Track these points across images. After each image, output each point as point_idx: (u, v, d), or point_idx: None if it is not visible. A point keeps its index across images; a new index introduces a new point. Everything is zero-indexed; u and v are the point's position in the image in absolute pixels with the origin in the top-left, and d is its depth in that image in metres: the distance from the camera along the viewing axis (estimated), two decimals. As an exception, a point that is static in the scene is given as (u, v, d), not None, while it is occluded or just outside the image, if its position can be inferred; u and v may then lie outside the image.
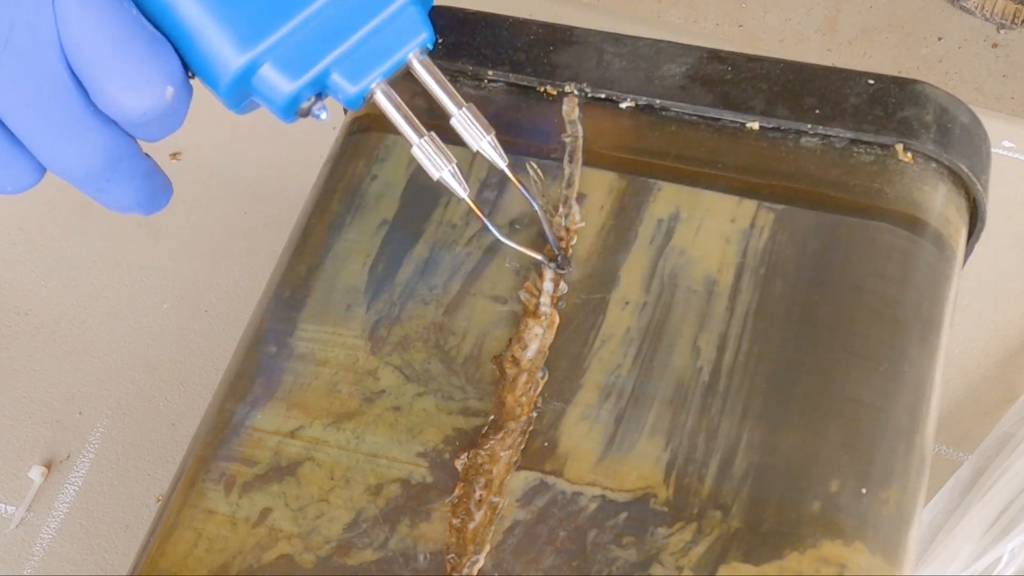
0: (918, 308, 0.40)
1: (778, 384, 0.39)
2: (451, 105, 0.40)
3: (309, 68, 0.37)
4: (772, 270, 0.41)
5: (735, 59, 0.46)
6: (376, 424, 0.40)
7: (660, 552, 0.36)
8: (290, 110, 0.38)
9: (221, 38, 0.36)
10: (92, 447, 0.55)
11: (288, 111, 0.38)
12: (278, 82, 0.37)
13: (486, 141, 0.40)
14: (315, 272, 0.43)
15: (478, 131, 0.40)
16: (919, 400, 0.39)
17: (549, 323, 0.41)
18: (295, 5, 0.37)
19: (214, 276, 0.59)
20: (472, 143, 0.40)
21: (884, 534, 0.36)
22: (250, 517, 0.39)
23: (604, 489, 0.37)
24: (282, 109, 0.38)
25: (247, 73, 0.37)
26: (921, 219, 0.42)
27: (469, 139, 0.40)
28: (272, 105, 0.38)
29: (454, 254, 0.43)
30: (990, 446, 0.54)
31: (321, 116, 0.39)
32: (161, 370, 0.57)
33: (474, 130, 0.40)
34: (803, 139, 0.44)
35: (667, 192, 0.43)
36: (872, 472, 0.37)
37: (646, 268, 0.41)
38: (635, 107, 0.45)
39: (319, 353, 0.41)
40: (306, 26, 0.37)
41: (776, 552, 0.36)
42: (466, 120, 0.40)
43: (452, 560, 0.37)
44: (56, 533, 0.52)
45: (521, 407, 0.39)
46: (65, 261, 0.60)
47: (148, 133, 0.37)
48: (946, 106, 0.44)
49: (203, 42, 0.36)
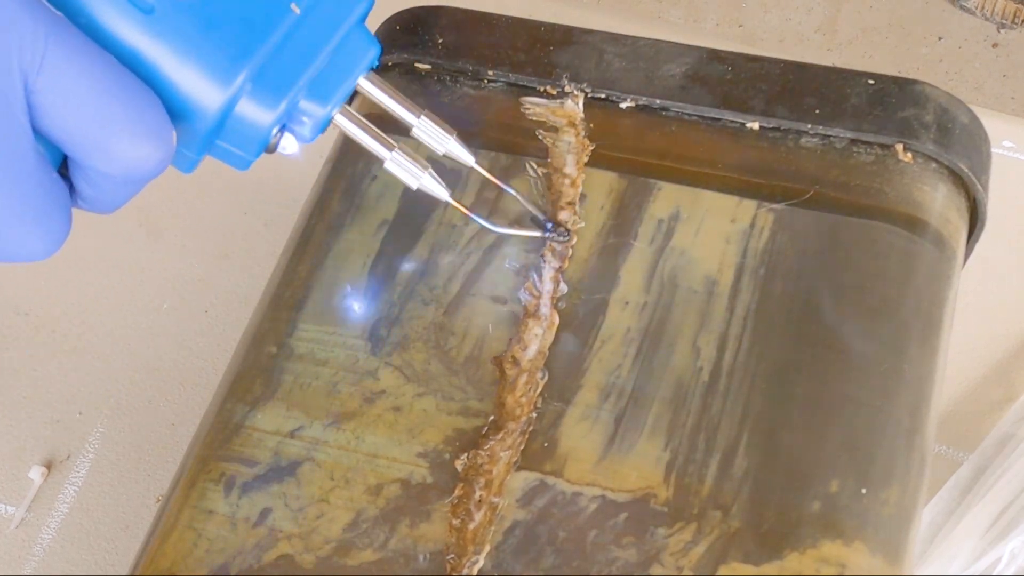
0: (918, 308, 0.40)
1: (778, 384, 0.39)
2: (409, 116, 0.40)
3: (284, 95, 0.36)
4: (772, 270, 0.41)
5: (735, 59, 0.46)
6: (376, 424, 0.40)
7: (660, 552, 0.36)
8: (262, 146, 0.37)
9: (199, 77, 0.35)
10: (92, 447, 0.55)
11: (260, 147, 0.37)
12: (257, 115, 0.36)
13: (451, 142, 0.40)
14: (315, 272, 0.43)
15: (441, 135, 0.40)
16: (919, 400, 0.39)
17: (549, 323, 0.41)
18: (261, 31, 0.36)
19: (214, 276, 0.59)
20: (438, 148, 0.40)
21: (884, 534, 0.36)
22: (250, 517, 0.39)
23: (604, 489, 0.37)
24: (257, 144, 0.37)
25: (224, 114, 0.36)
26: (921, 219, 0.42)
27: (434, 144, 0.40)
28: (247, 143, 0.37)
29: (454, 254, 0.43)
30: (990, 446, 0.54)
31: (288, 148, 0.38)
32: (161, 370, 0.57)
33: (437, 134, 0.40)
34: (803, 139, 0.44)
35: (667, 192, 0.43)
36: (872, 472, 0.37)
37: (646, 268, 0.41)
38: (635, 107, 0.45)
39: (319, 353, 0.41)
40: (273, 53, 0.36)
41: (776, 552, 0.36)
42: (427, 127, 0.40)
43: (452, 560, 0.37)
44: (56, 533, 0.52)
45: (521, 407, 0.39)
46: (65, 261, 0.60)
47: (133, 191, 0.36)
48: (946, 106, 0.44)
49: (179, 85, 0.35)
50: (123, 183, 0.35)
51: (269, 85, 0.36)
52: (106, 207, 0.37)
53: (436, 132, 0.40)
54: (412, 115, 0.40)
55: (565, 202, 0.43)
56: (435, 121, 0.40)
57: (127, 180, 0.34)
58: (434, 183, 0.40)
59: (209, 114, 0.35)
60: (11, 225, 0.33)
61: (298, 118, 0.37)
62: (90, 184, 0.35)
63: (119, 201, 0.36)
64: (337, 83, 0.38)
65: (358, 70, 0.38)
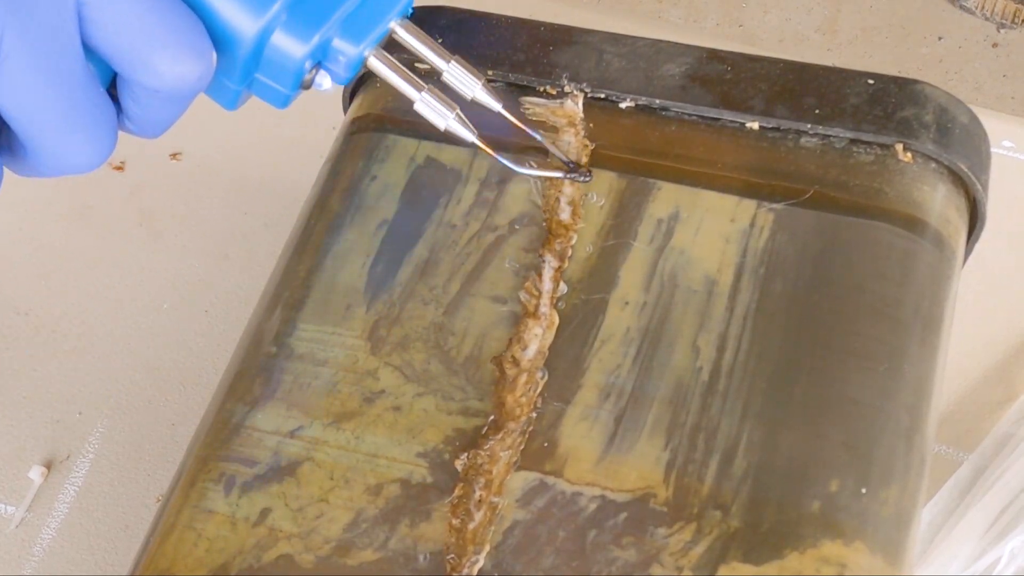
0: (918, 308, 0.40)
1: (778, 384, 0.39)
2: (440, 61, 0.41)
3: (316, 31, 0.38)
4: (772, 270, 0.41)
5: (735, 59, 0.46)
6: (376, 424, 0.40)
7: (660, 552, 0.36)
8: (297, 80, 0.39)
9: (235, 5, 0.37)
10: (92, 447, 0.55)
11: (296, 81, 0.39)
12: (290, 47, 0.38)
13: (479, 88, 0.42)
14: (315, 272, 0.43)
15: (471, 79, 0.42)
16: (919, 400, 0.39)
17: (549, 323, 0.41)
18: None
19: (214, 276, 0.59)
20: (467, 92, 0.42)
21: (884, 534, 0.36)
22: (250, 517, 0.39)
23: (604, 489, 0.37)
24: (292, 77, 0.39)
25: (260, 42, 0.38)
26: (921, 219, 0.42)
27: (463, 88, 0.42)
28: (283, 75, 0.39)
29: (454, 254, 0.43)
30: (990, 446, 0.54)
31: (324, 85, 0.40)
32: (161, 370, 0.57)
33: (467, 79, 0.42)
34: (803, 139, 0.44)
35: (667, 192, 0.43)
36: (872, 472, 0.37)
37: (646, 268, 0.41)
38: (635, 107, 0.45)
39: (319, 353, 0.41)
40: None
41: (776, 552, 0.36)
42: (457, 71, 0.41)
43: (452, 560, 0.37)
44: (56, 533, 0.52)
45: (521, 407, 0.39)
46: (65, 261, 0.60)
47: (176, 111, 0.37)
48: (946, 106, 0.44)
49: (217, 13, 0.37)
50: (167, 99, 0.37)
51: (303, 19, 0.38)
52: (151, 128, 0.39)
53: (465, 77, 0.42)
54: (443, 60, 0.41)
55: (567, 202, 0.43)
56: (464, 67, 0.42)
57: (170, 96, 0.36)
58: (459, 125, 0.41)
59: (245, 41, 0.37)
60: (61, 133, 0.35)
61: (333, 56, 0.39)
62: (136, 102, 0.37)
63: (164, 121, 0.38)
64: (371, 25, 0.40)
65: (391, 14, 0.40)
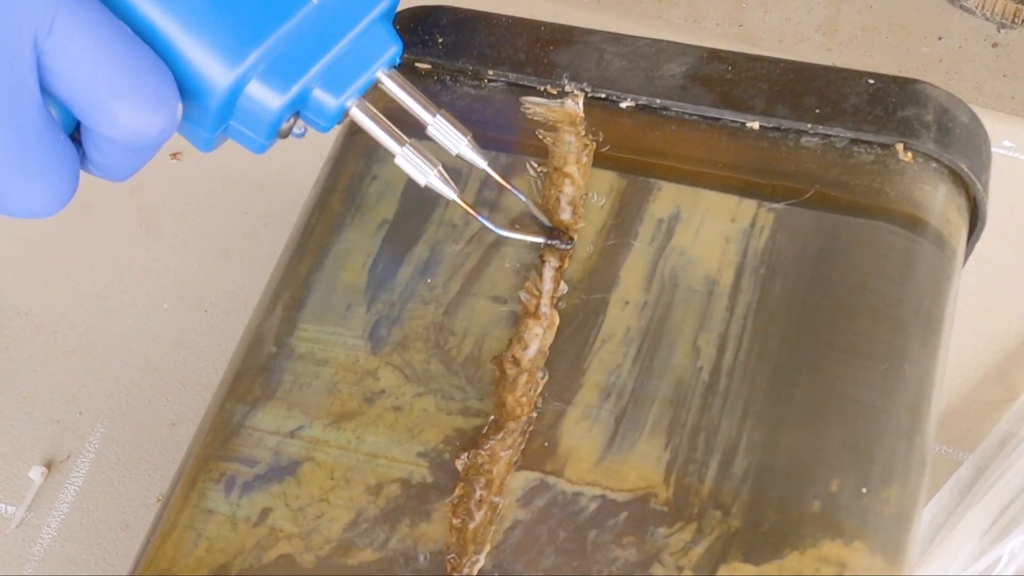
0: (918, 308, 0.40)
1: (778, 384, 0.39)
2: (425, 114, 0.40)
3: (295, 82, 0.37)
4: (772, 270, 0.41)
5: (735, 59, 0.46)
6: (376, 424, 0.40)
7: (660, 552, 0.36)
8: (273, 130, 0.38)
9: (208, 54, 0.35)
10: (92, 447, 0.55)
11: (272, 131, 0.38)
12: (266, 98, 0.37)
13: (464, 144, 0.41)
14: (315, 272, 0.43)
15: (456, 136, 0.41)
16: (920, 400, 0.39)
17: (549, 323, 0.41)
18: (277, 18, 0.36)
19: (214, 276, 0.59)
20: (451, 148, 0.41)
21: (884, 534, 0.36)
22: (250, 517, 0.39)
23: (604, 489, 0.37)
24: (268, 127, 0.37)
25: (234, 92, 0.36)
26: (921, 219, 0.42)
27: (448, 144, 0.41)
28: (258, 125, 0.37)
29: (454, 254, 0.43)
30: (990, 446, 0.54)
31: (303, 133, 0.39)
32: (161, 370, 0.57)
33: (452, 135, 0.41)
34: (803, 139, 0.44)
35: (667, 192, 0.43)
36: (872, 472, 0.37)
37: (646, 268, 0.41)
38: (635, 107, 0.45)
39: (319, 353, 0.41)
40: (287, 40, 0.37)
41: (776, 552, 0.36)
42: (442, 126, 0.40)
43: (452, 560, 0.37)
44: (56, 533, 0.52)
45: (521, 407, 0.39)
46: (65, 261, 0.60)
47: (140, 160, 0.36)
48: (946, 106, 0.44)
49: (189, 61, 0.35)
50: (127, 150, 0.36)
51: (281, 70, 0.37)
52: (115, 174, 0.38)
53: (451, 132, 0.41)
54: (428, 113, 0.40)
55: (567, 201, 0.43)
56: (451, 121, 0.41)
57: (130, 147, 0.35)
58: (441, 182, 0.40)
59: (217, 92, 0.36)
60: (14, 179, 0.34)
61: (313, 107, 0.38)
62: (98, 149, 0.36)
63: (127, 169, 0.37)
64: (354, 75, 0.38)
65: (376, 65, 0.39)
